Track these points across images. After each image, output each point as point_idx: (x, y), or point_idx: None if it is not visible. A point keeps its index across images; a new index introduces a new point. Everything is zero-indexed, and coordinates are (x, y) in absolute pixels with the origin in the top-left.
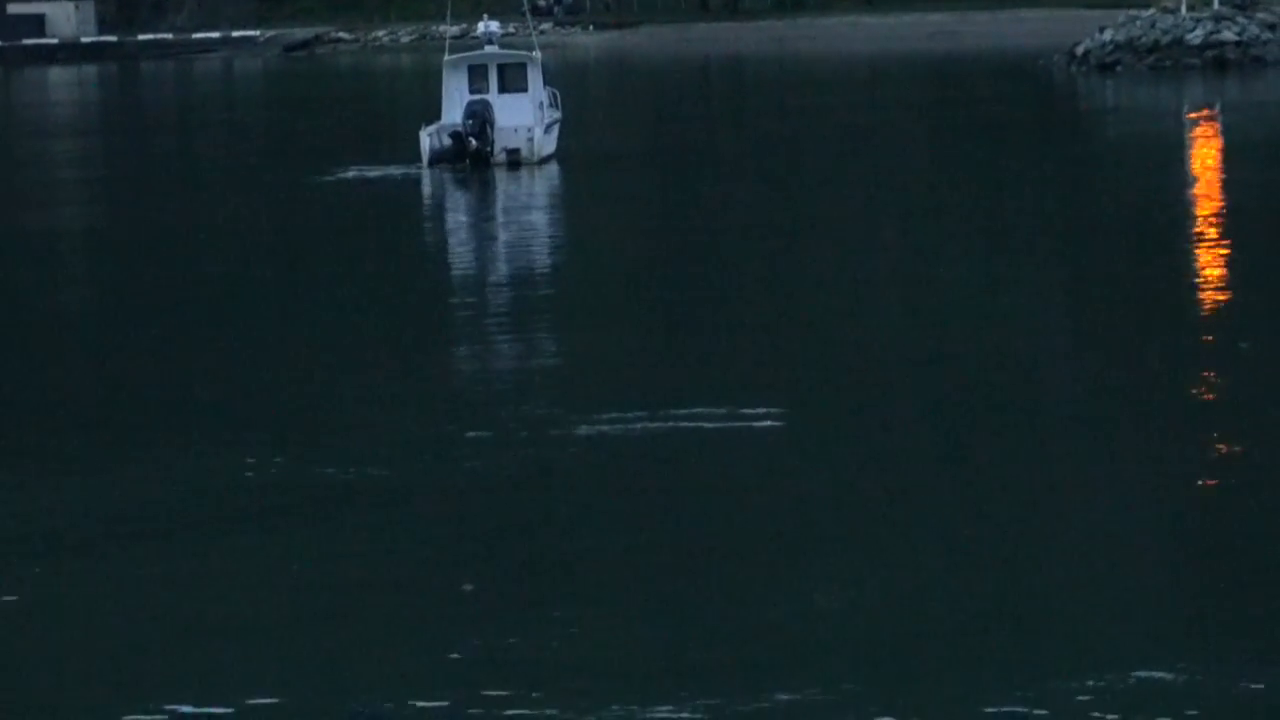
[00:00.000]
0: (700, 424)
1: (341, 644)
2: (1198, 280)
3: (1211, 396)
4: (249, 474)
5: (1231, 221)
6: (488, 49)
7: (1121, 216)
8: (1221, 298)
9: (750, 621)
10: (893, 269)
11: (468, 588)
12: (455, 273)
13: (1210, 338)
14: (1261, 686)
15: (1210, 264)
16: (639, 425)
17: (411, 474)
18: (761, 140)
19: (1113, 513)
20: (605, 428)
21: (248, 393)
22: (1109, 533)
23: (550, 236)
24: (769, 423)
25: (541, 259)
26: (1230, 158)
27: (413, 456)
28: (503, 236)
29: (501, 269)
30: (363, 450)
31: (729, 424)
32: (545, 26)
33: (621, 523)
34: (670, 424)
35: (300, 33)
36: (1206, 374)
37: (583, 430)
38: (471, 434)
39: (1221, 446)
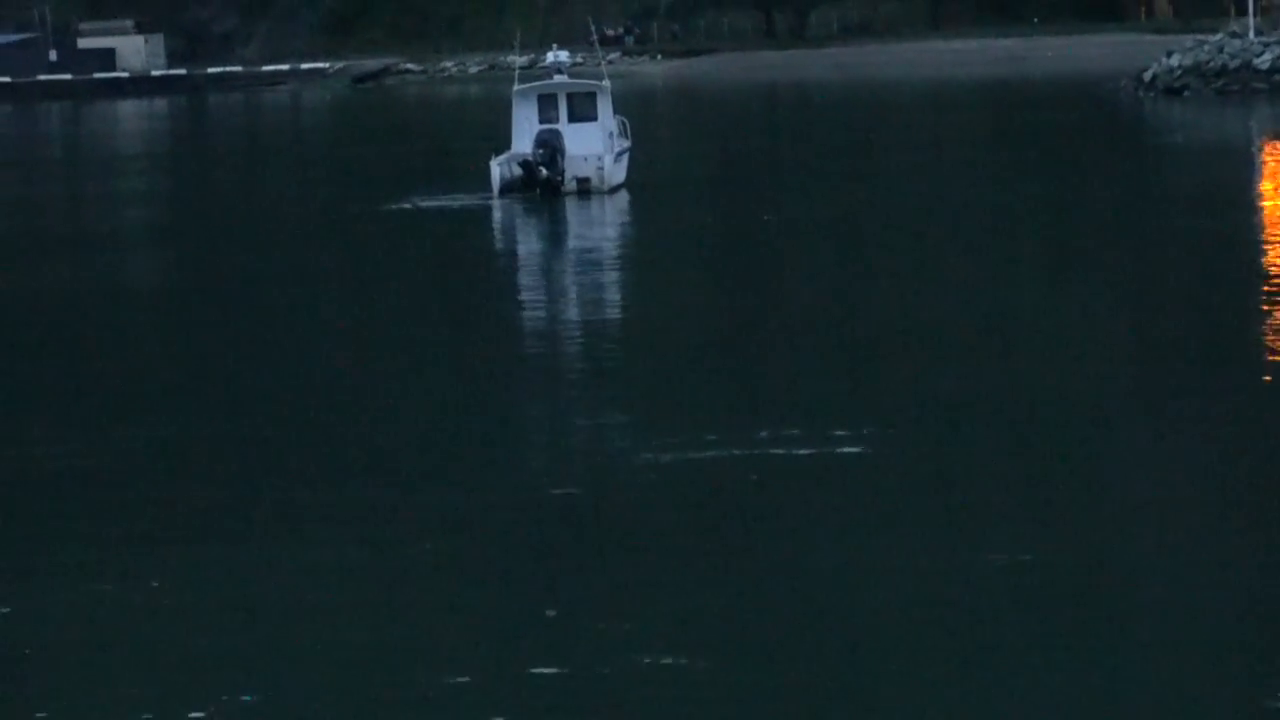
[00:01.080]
0: (786, 450)
1: (421, 668)
2: (1272, 313)
3: None
4: (318, 501)
5: None
6: (557, 78)
7: (1193, 245)
8: None
9: (829, 669)
10: (964, 296)
11: (550, 613)
12: (526, 301)
13: None
14: None
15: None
16: (717, 453)
17: (485, 499)
18: (828, 167)
19: (1196, 549)
20: (680, 455)
21: (315, 421)
22: (1195, 573)
23: (622, 265)
24: (851, 449)
25: (612, 288)
26: None
27: (487, 482)
28: (574, 266)
29: (573, 298)
30: (435, 477)
31: (808, 451)
32: (613, 55)
33: (704, 551)
34: (748, 451)
35: (368, 64)
36: None
37: (663, 458)
38: (547, 461)
39: None
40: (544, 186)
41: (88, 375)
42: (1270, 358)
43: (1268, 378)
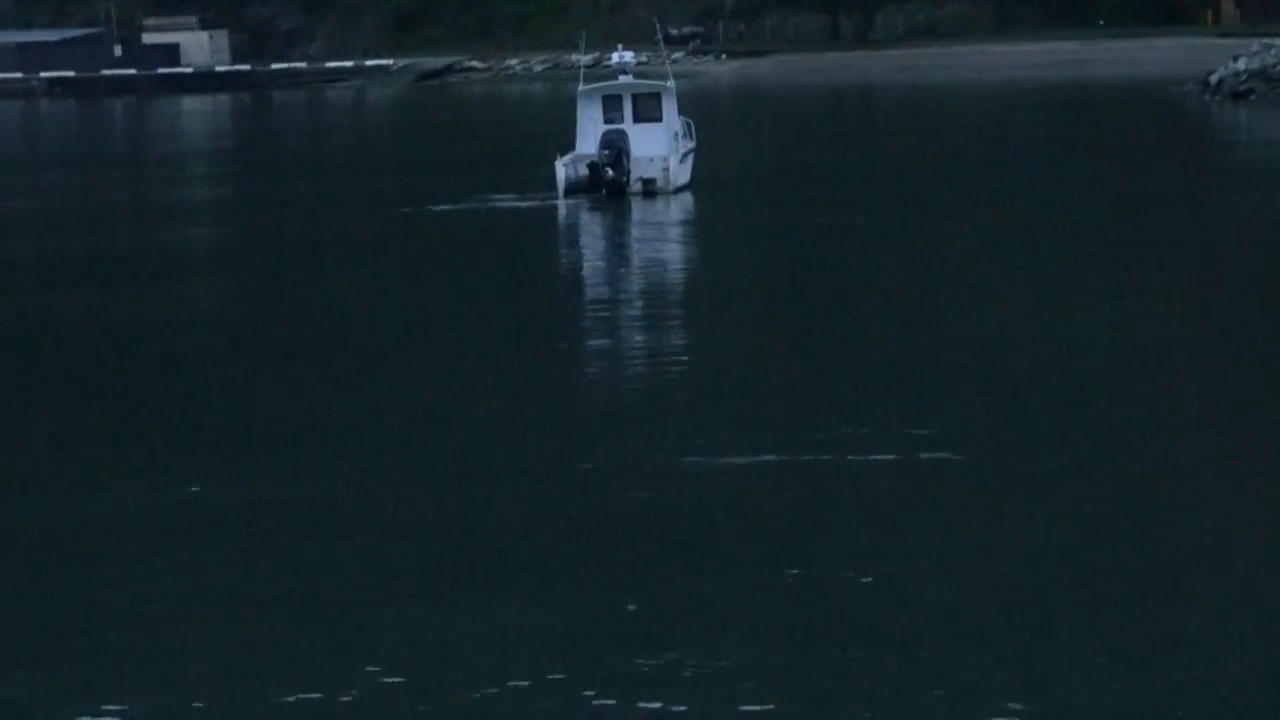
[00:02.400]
0: (860, 456)
1: (506, 663)
2: None
3: None
4: (377, 506)
5: None
6: (622, 79)
7: (1266, 259)
8: None
9: (897, 687)
10: (1032, 303)
11: (631, 608)
12: (590, 303)
13: None
14: None
15: None
16: (781, 457)
17: (568, 503)
18: (894, 170)
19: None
20: (751, 459)
21: (372, 421)
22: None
23: (687, 267)
24: (930, 454)
25: (678, 290)
26: None
27: (565, 486)
28: (639, 267)
29: (637, 300)
30: (501, 482)
31: (881, 457)
32: (678, 55)
33: (774, 556)
34: (818, 456)
35: (432, 62)
36: None
37: (737, 461)
38: (614, 466)
39: None
40: (609, 187)
41: (149, 409)
42: None
43: None
